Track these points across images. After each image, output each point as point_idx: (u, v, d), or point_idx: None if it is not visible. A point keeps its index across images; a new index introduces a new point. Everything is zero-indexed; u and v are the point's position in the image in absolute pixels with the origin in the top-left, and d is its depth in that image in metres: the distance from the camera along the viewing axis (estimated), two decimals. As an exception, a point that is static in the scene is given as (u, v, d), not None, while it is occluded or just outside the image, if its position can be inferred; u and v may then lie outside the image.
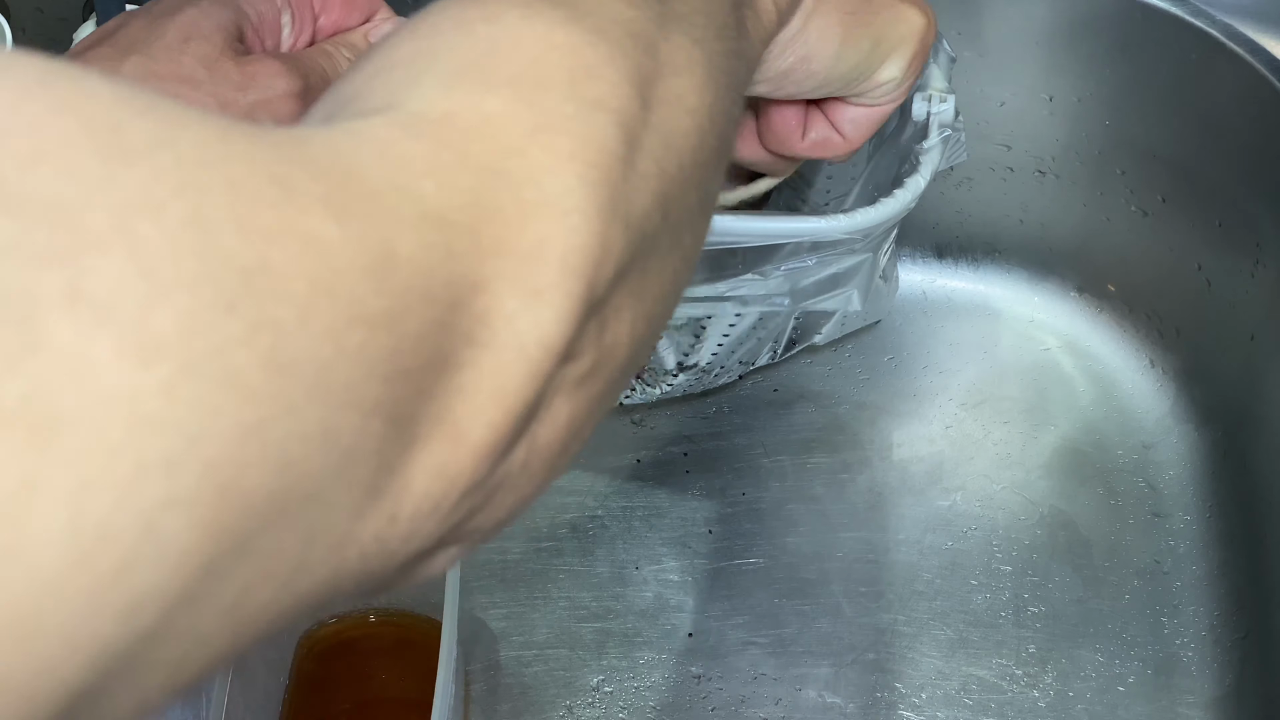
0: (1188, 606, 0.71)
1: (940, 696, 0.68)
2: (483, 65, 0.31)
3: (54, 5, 0.73)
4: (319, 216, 0.24)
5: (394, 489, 0.26)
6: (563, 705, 0.68)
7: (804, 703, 0.68)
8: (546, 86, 0.31)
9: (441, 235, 0.26)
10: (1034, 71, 0.75)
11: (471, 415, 0.27)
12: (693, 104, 0.34)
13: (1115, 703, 0.68)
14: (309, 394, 0.23)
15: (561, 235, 0.28)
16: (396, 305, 0.25)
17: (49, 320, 0.20)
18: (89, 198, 0.21)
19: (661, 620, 0.71)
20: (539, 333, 0.28)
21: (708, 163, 0.35)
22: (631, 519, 0.74)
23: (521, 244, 0.28)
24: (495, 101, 0.30)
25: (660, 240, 0.33)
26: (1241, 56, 0.68)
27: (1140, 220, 0.78)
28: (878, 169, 0.66)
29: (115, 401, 0.20)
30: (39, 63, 0.22)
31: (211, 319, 0.22)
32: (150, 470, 0.20)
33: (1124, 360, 0.80)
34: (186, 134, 0.23)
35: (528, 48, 0.31)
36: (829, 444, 0.77)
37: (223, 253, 0.22)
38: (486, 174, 0.28)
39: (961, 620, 0.71)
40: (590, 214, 0.29)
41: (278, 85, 0.48)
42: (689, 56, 0.35)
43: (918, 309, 0.83)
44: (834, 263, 0.63)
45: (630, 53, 0.33)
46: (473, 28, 0.32)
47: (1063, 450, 0.77)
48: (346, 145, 0.27)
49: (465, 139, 0.29)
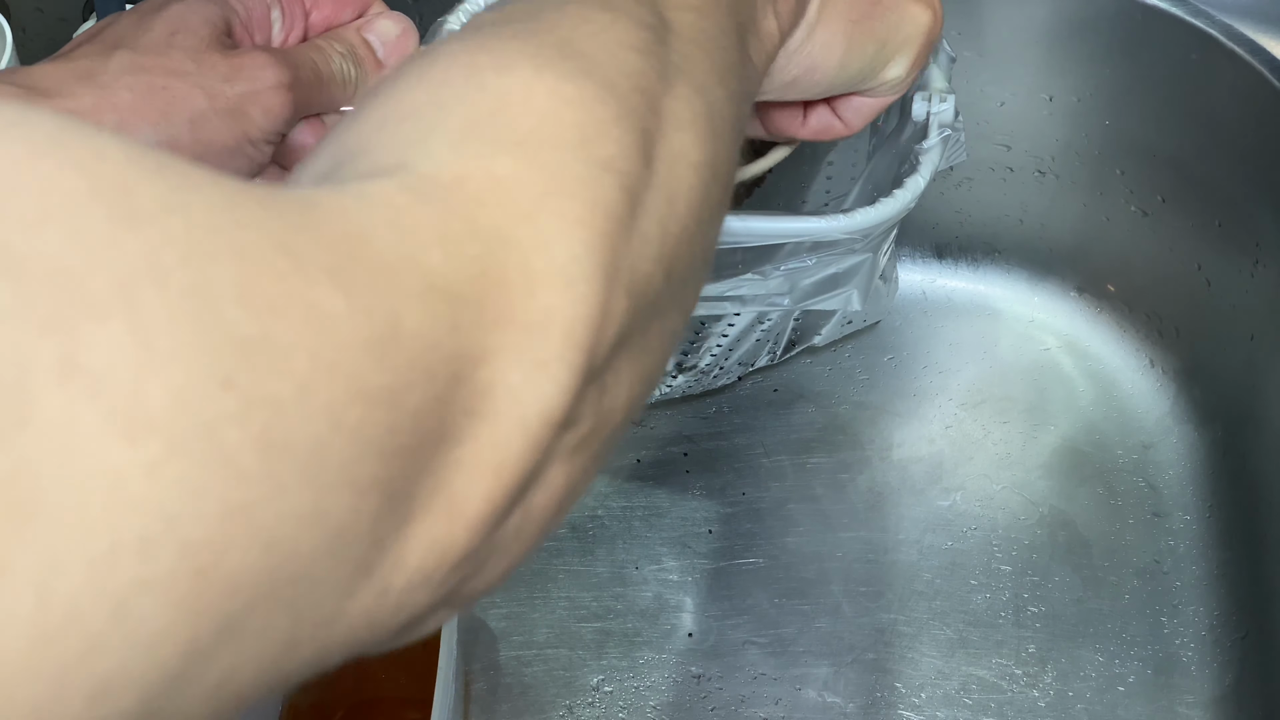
0: (1188, 606, 0.71)
1: (940, 696, 0.68)
2: (494, 121, 0.30)
3: (54, 5, 0.73)
4: (326, 288, 0.24)
5: (386, 565, 0.25)
6: (563, 705, 0.68)
7: (804, 703, 0.68)
8: (557, 146, 0.30)
9: (448, 308, 0.26)
10: (1034, 71, 0.75)
11: (469, 488, 0.27)
12: (696, 158, 0.34)
13: (1115, 702, 0.68)
14: (302, 473, 0.23)
15: (568, 306, 0.28)
16: (399, 381, 0.24)
17: (41, 392, 0.20)
18: (93, 262, 0.21)
19: (661, 620, 0.71)
20: (540, 405, 0.27)
21: (710, 215, 0.35)
22: (631, 519, 0.74)
23: (527, 315, 0.27)
24: (506, 163, 0.29)
25: (662, 300, 0.32)
26: (1241, 56, 0.68)
27: (1140, 220, 0.78)
28: (877, 169, 0.66)
29: (97, 480, 0.20)
30: (52, 120, 0.22)
31: (206, 394, 0.21)
32: (123, 551, 0.20)
33: (1124, 360, 0.80)
34: (197, 198, 0.23)
35: (539, 103, 0.31)
36: (829, 444, 0.77)
37: (225, 323, 0.22)
38: (495, 242, 0.28)
39: (961, 620, 0.71)
40: (595, 283, 0.29)
41: (266, 77, 0.48)
42: (693, 109, 0.35)
43: (917, 309, 0.83)
44: (834, 263, 0.63)
45: (638, 108, 0.32)
46: (483, 78, 0.31)
47: (1063, 450, 0.77)
48: (357, 212, 0.26)
49: (475, 205, 0.28)
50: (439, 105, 0.31)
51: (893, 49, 0.53)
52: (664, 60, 0.35)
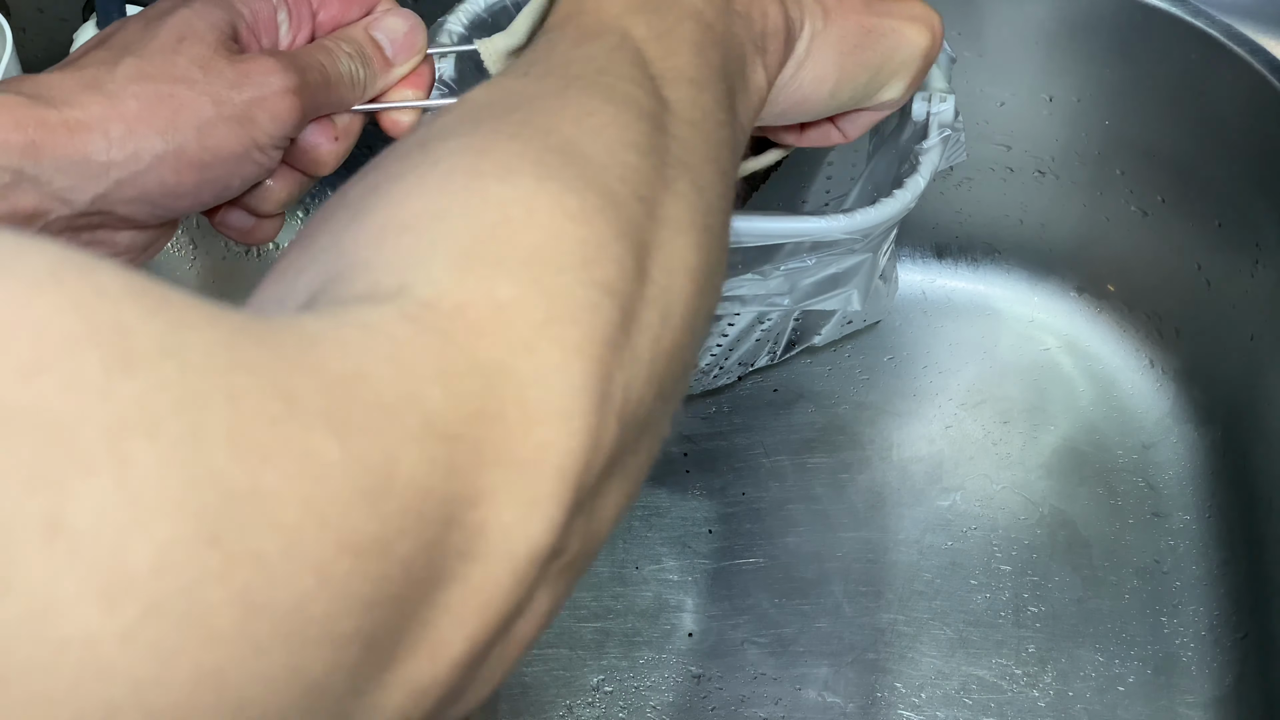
0: (1188, 606, 0.71)
1: (940, 696, 0.68)
2: (496, 238, 0.30)
3: (54, 5, 0.73)
4: (321, 434, 0.23)
5: (362, 710, 0.25)
6: (563, 705, 0.68)
7: (804, 703, 0.68)
8: (560, 268, 0.29)
9: (445, 450, 0.26)
10: (1034, 71, 0.75)
11: (453, 631, 0.26)
12: (693, 263, 0.33)
13: (1115, 703, 0.68)
14: (280, 632, 0.22)
15: (562, 440, 0.28)
16: (391, 529, 0.24)
17: (24, 554, 0.19)
18: (85, 412, 0.20)
19: (661, 620, 0.71)
20: (530, 544, 0.27)
21: (702, 321, 0.35)
22: (631, 519, 0.74)
23: (523, 453, 0.27)
24: (508, 287, 0.29)
25: (651, 418, 0.32)
26: (1241, 56, 0.68)
27: (1140, 220, 0.78)
28: (877, 169, 0.66)
29: (69, 649, 0.20)
30: (51, 253, 0.22)
31: (189, 553, 0.21)
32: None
33: (1124, 360, 0.80)
34: (194, 337, 0.22)
35: (541, 218, 0.30)
36: (829, 444, 0.77)
37: (214, 474, 0.21)
38: (495, 375, 0.27)
39: (961, 620, 0.71)
40: (590, 415, 0.28)
41: (273, 82, 0.48)
42: (691, 210, 0.34)
43: (917, 309, 0.83)
44: (834, 263, 0.63)
45: (637, 219, 0.32)
46: (485, 187, 0.31)
47: (1063, 450, 0.77)
48: (357, 346, 0.26)
49: (476, 335, 0.28)
50: (440, 216, 0.30)
51: (888, 74, 0.52)
52: (664, 155, 0.34)
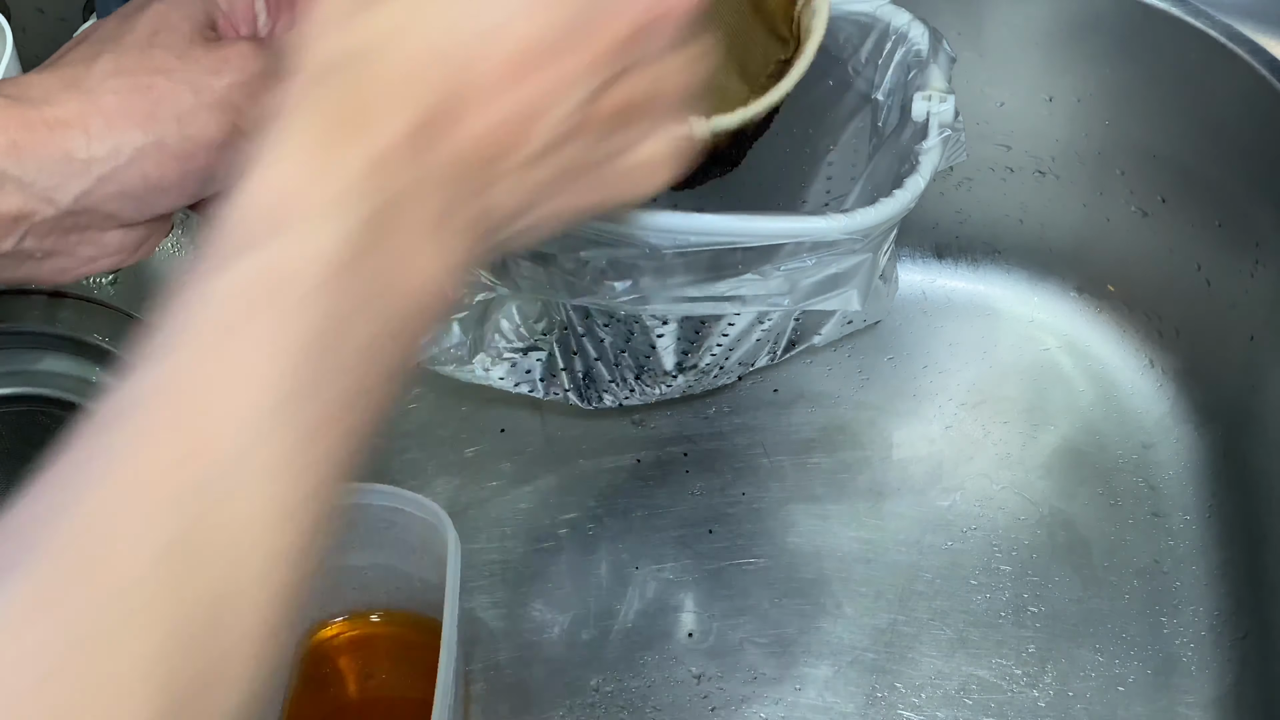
0: (1187, 606, 0.71)
1: (940, 696, 0.68)
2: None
3: (54, 5, 0.73)
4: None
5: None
6: (563, 705, 0.68)
7: (804, 703, 0.68)
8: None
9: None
10: (1034, 71, 0.75)
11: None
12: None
13: (1115, 703, 0.68)
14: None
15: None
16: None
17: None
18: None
19: (661, 620, 0.71)
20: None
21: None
22: (631, 519, 0.74)
23: None
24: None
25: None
26: (1241, 57, 0.68)
27: (1140, 220, 0.78)
28: (877, 169, 0.66)
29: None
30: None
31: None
32: None
33: (1123, 360, 0.80)
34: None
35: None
36: (829, 444, 0.77)
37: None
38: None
39: (961, 620, 0.71)
40: None
41: (252, 67, 0.47)
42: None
43: (917, 309, 0.83)
44: (834, 263, 0.63)
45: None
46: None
47: (1062, 450, 0.77)
48: None
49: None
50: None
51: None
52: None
